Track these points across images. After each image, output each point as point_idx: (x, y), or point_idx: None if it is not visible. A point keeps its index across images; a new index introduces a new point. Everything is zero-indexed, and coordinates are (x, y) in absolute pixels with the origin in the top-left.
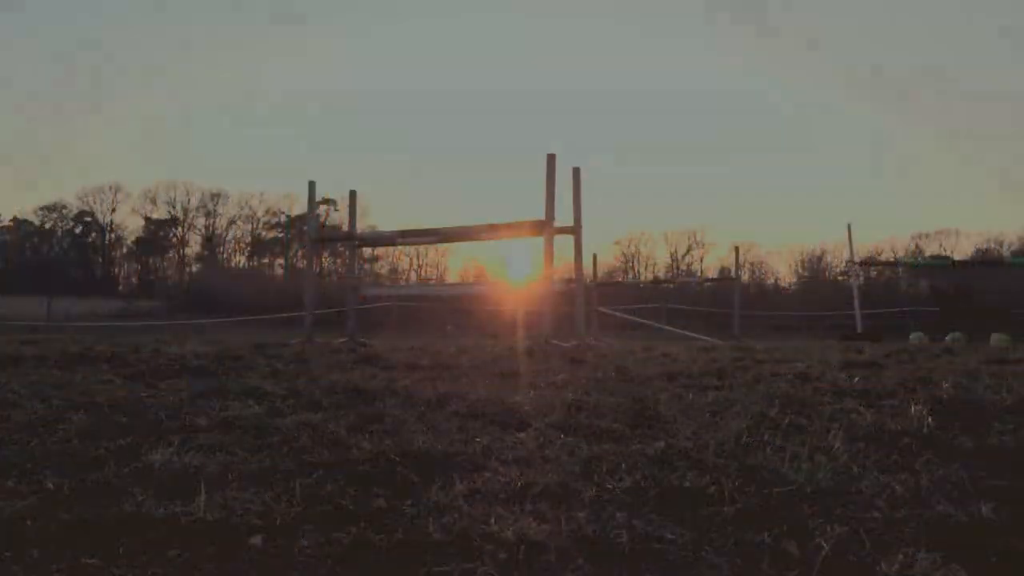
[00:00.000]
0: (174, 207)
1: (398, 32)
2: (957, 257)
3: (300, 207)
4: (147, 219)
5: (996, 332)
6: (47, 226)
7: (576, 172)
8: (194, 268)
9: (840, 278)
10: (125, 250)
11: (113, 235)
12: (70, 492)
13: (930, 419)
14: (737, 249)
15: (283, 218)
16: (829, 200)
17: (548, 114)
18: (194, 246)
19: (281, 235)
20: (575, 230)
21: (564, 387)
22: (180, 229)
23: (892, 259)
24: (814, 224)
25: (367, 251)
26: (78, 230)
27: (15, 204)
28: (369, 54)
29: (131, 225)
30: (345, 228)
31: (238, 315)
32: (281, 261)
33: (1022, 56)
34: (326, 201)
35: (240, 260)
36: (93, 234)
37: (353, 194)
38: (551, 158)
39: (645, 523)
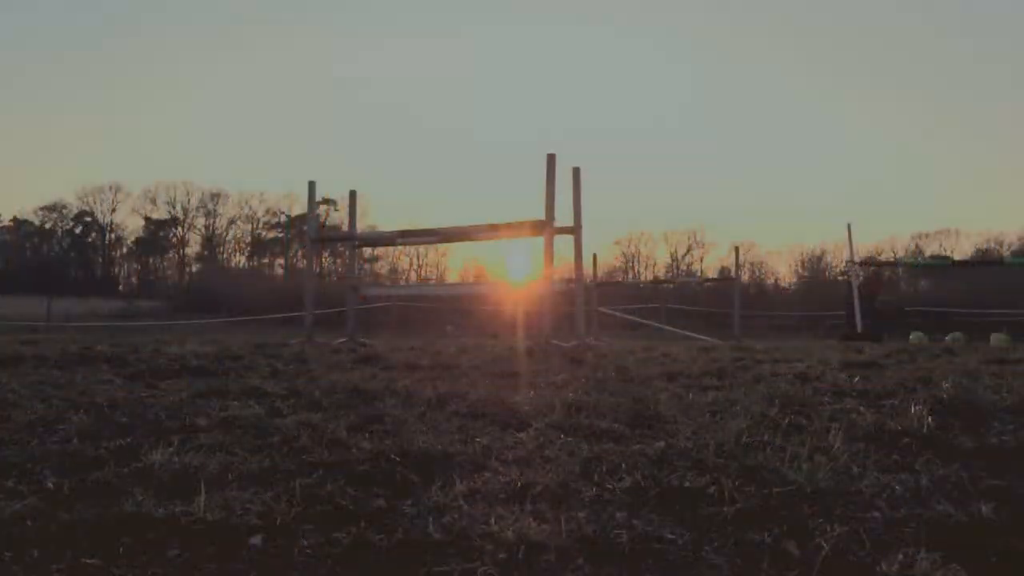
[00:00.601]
0: (174, 207)
1: (398, 32)
2: (957, 257)
3: (300, 207)
4: (147, 219)
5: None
6: (47, 226)
7: (576, 172)
8: (194, 268)
9: (840, 278)
10: (125, 250)
11: (113, 235)
12: (70, 492)
13: (930, 419)
14: (737, 249)
15: (283, 218)
16: (829, 200)
17: (548, 114)
18: (194, 246)
19: (281, 235)
20: (575, 230)
21: (564, 387)
22: (180, 229)
23: (892, 259)
24: (814, 224)
25: (367, 251)
26: (78, 230)
27: (15, 204)
28: (370, 53)
29: (131, 225)
30: (345, 228)
31: (238, 315)
32: (281, 261)
33: (1022, 54)
34: (326, 201)
35: (240, 260)
36: (93, 234)
37: (353, 194)
38: (551, 158)
39: (645, 523)
